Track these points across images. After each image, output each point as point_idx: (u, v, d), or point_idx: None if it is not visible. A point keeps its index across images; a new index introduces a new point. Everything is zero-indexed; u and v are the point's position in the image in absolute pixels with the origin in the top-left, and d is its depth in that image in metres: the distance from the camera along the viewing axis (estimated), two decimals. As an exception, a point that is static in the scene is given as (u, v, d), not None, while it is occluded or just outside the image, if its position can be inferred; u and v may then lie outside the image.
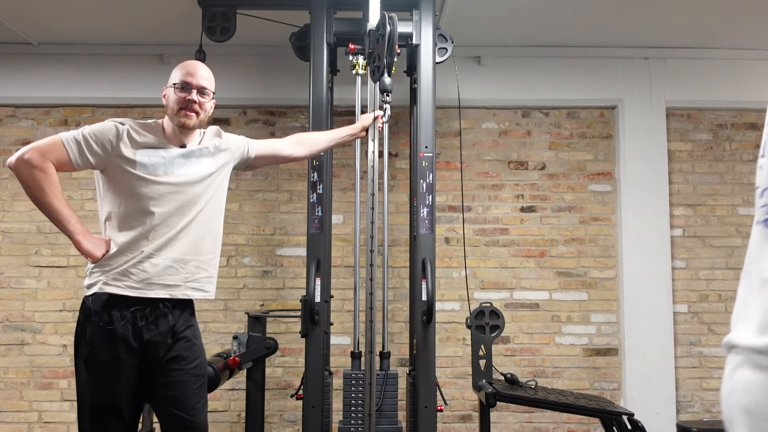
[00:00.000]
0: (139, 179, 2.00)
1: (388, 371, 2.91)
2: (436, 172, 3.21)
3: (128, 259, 1.98)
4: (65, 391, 3.73)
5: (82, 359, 1.98)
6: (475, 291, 3.78)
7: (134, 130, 2.05)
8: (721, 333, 3.83)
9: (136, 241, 1.99)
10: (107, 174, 2.04)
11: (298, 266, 3.81)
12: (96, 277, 1.99)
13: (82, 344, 1.98)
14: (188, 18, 3.27)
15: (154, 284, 1.99)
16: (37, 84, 3.82)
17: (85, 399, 1.98)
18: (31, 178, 1.90)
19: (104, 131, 2.01)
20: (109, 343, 1.95)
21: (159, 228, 2.01)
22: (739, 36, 3.71)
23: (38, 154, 1.91)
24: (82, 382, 1.98)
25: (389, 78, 2.52)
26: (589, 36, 3.73)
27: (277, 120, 3.90)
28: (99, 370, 1.96)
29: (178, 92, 2.08)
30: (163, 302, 2.01)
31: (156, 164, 2.03)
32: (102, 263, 1.98)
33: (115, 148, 2.00)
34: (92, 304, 1.96)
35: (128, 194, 2.01)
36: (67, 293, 3.78)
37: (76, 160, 1.98)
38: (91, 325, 1.96)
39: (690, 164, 3.94)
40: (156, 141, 2.08)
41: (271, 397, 3.72)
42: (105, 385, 1.96)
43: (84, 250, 1.96)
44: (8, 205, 3.82)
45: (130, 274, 1.97)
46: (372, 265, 2.61)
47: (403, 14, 2.85)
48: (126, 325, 1.96)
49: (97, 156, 1.99)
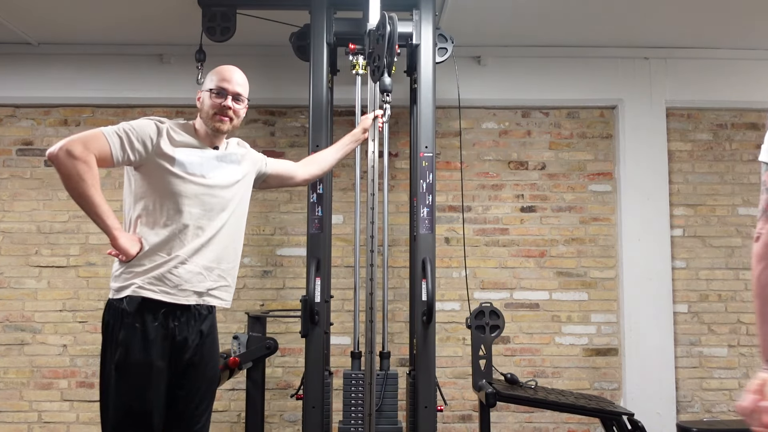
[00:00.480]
0: (176, 177, 1.99)
1: (388, 371, 2.91)
2: (436, 172, 3.21)
3: (163, 261, 1.96)
4: (65, 391, 3.73)
5: (113, 363, 1.92)
6: (475, 291, 3.78)
7: (173, 129, 2.04)
8: (721, 333, 3.83)
9: (168, 241, 1.97)
10: (143, 171, 2.00)
11: (298, 266, 3.81)
12: (129, 279, 1.95)
13: (113, 347, 1.93)
14: (188, 18, 3.27)
15: (186, 290, 1.98)
16: (37, 84, 3.82)
17: (115, 405, 1.92)
18: (74, 170, 1.86)
19: (144, 127, 1.99)
20: (143, 346, 1.92)
21: (190, 230, 2.00)
22: (739, 36, 3.71)
23: (82, 145, 1.87)
24: (111, 387, 1.93)
25: (389, 78, 2.52)
26: (589, 36, 3.73)
27: (277, 120, 3.90)
28: (132, 374, 1.91)
29: (213, 98, 2.08)
30: (193, 306, 2.02)
31: (193, 163, 2.02)
32: (133, 264, 1.95)
33: (156, 145, 1.98)
34: (127, 305, 1.92)
35: (162, 192, 1.99)
36: (67, 293, 3.78)
37: (117, 155, 1.94)
38: (124, 328, 1.92)
39: (690, 164, 3.94)
40: (193, 141, 2.08)
41: (271, 397, 3.72)
42: (138, 390, 1.92)
43: (120, 246, 1.92)
44: (8, 205, 3.82)
45: (166, 279, 1.95)
46: (372, 265, 2.61)
47: (403, 14, 2.85)
48: (159, 328, 1.94)
49: (137, 152, 1.96)
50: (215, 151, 2.12)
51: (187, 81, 3.55)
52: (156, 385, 1.94)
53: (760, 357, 1.25)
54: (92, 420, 3.71)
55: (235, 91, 2.10)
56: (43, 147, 3.86)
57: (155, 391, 1.94)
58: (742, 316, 3.85)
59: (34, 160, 3.86)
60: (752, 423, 1.17)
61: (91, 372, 3.73)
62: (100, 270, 3.79)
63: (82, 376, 3.74)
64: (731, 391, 3.81)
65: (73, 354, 3.75)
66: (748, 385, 1.24)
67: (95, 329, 3.75)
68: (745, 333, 3.83)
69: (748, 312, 3.86)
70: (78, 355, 3.75)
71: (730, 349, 3.83)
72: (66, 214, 3.81)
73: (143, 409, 1.92)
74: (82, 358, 3.75)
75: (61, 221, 3.81)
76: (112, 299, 1.97)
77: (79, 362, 3.75)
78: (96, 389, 3.71)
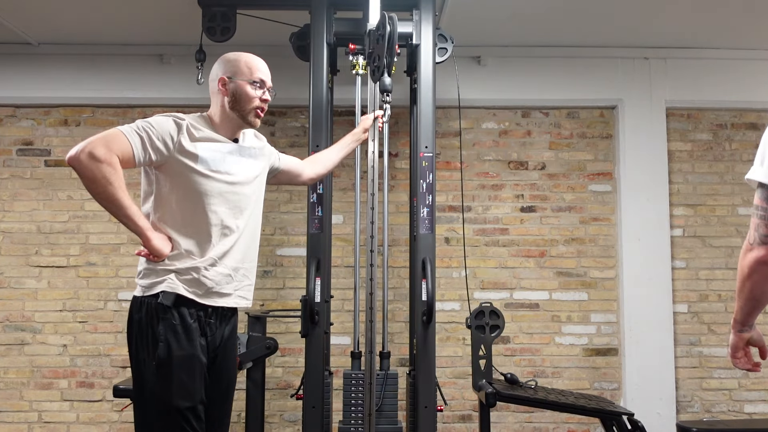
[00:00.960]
0: (200, 175, 1.91)
1: (388, 371, 2.91)
2: (436, 172, 3.21)
3: (192, 265, 1.91)
4: (65, 391, 3.73)
5: (154, 360, 1.85)
6: (475, 291, 3.78)
7: (192, 126, 1.94)
8: (721, 333, 3.83)
9: (197, 244, 1.92)
10: (164, 171, 1.91)
11: (298, 266, 3.81)
12: (161, 276, 1.89)
13: (151, 344, 1.86)
14: (188, 18, 3.27)
15: (216, 293, 1.95)
16: (37, 84, 3.82)
17: (162, 402, 1.85)
18: (99, 173, 1.75)
19: (163, 124, 1.89)
20: (186, 339, 1.87)
21: (218, 230, 1.94)
22: (739, 36, 3.71)
23: (104, 147, 1.76)
24: (152, 384, 1.85)
25: (389, 78, 2.52)
26: (589, 36, 3.73)
27: (277, 120, 3.90)
28: (177, 368, 1.85)
29: (256, 89, 2.00)
30: (221, 308, 1.99)
31: (216, 160, 1.94)
32: (164, 264, 1.89)
33: (177, 142, 1.88)
34: (164, 300, 1.86)
35: (186, 192, 1.91)
36: (67, 293, 3.78)
37: (138, 155, 1.84)
38: (162, 323, 1.86)
39: (690, 164, 3.94)
40: (214, 134, 1.98)
41: (271, 397, 3.72)
42: (185, 384, 1.86)
43: (154, 247, 1.86)
44: (8, 205, 3.82)
45: (198, 283, 1.91)
46: (372, 265, 2.61)
47: (403, 14, 2.85)
48: (196, 323, 1.91)
49: (158, 151, 1.86)
50: (235, 144, 2.03)
51: (187, 81, 3.55)
52: (200, 380, 1.89)
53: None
54: (92, 420, 3.71)
55: (270, 85, 2.06)
56: (43, 147, 3.87)
57: (199, 386, 1.89)
58: (742, 316, 3.84)
59: (34, 160, 3.86)
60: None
61: (91, 372, 3.74)
62: (100, 270, 3.79)
63: (82, 376, 3.74)
64: (731, 391, 3.81)
65: (73, 354, 3.75)
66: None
67: (95, 329, 3.75)
68: (745, 333, 3.83)
69: (748, 312, 3.85)
70: (78, 355, 3.75)
71: (730, 349, 3.82)
72: (66, 214, 3.81)
73: (190, 404, 1.86)
74: (82, 358, 3.75)
75: (61, 221, 3.80)
76: (143, 296, 1.90)
77: (79, 362, 3.75)
78: (96, 389, 3.72)
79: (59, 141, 3.86)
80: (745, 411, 3.80)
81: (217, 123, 2.02)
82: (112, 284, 3.78)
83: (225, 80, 2.00)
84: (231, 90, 2.00)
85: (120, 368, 3.74)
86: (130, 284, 3.77)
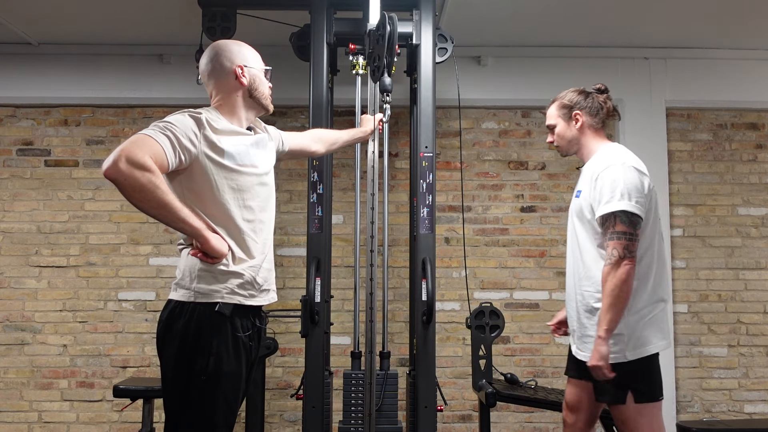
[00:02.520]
0: (230, 171, 1.79)
1: (388, 371, 2.91)
2: (436, 172, 3.21)
3: (251, 265, 1.83)
4: (65, 391, 3.73)
5: (204, 375, 1.73)
6: (475, 291, 3.78)
7: (211, 119, 1.81)
8: (720, 333, 3.84)
9: (245, 241, 1.82)
10: (191, 171, 1.76)
11: (298, 266, 3.81)
12: (221, 281, 1.77)
13: (203, 357, 1.73)
14: (188, 18, 3.27)
15: (267, 290, 1.90)
16: (37, 84, 3.82)
17: (207, 421, 1.75)
18: (145, 180, 1.59)
19: (183, 122, 1.75)
20: (236, 354, 1.78)
21: (257, 225, 1.87)
22: (739, 36, 3.71)
23: (141, 152, 1.60)
24: (197, 400, 1.74)
25: (389, 78, 2.52)
26: (589, 36, 3.73)
27: (277, 120, 3.90)
28: (227, 386, 1.76)
29: (267, 78, 1.99)
30: (260, 308, 1.92)
31: (241, 153, 1.83)
32: (222, 268, 1.78)
33: (202, 136, 1.76)
34: (224, 310, 1.75)
35: (221, 190, 1.78)
36: (67, 293, 3.78)
37: (170, 157, 1.68)
38: (218, 335, 1.74)
39: (690, 164, 3.94)
40: (233, 127, 1.87)
41: (271, 397, 3.72)
42: (230, 403, 1.78)
43: (213, 248, 1.74)
44: (8, 205, 3.82)
45: (254, 283, 1.83)
46: (372, 265, 2.61)
47: (403, 14, 2.85)
48: (248, 336, 1.82)
49: (186, 150, 1.72)
50: (253, 135, 1.95)
51: (187, 81, 3.55)
52: (241, 396, 1.85)
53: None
54: (92, 420, 3.71)
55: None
56: (43, 147, 3.86)
57: (240, 402, 1.85)
58: (742, 316, 3.85)
59: (34, 160, 3.86)
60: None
61: (91, 372, 3.73)
62: (100, 270, 3.79)
63: (82, 376, 3.74)
64: (731, 391, 3.81)
65: (73, 354, 3.75)
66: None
67: (95, 329, 3.75)
68: (745, 333, 3.83)
69: (748, 312, 3.86)
70: (78, 355, 3.75)
71: (730, 349, 3.83)
72: (66, 214, 3.81)
73: (230, 422, 1.81)
74: (82, 358, 3.74)
75: (61, 221, 3.80)
76: (196, 302, 1.75)
77: (79, 362, 3.75)
78: (96, 389, 3.72)
79: (59, 141, 3.86)
80: (745, 411, 3.80)
81: (231, 115, 1.91)
82: (112, 284, 3.78)
83: (240, 68, 1.92)
84: (251, 77, 1.93)
85: (120, 368, 3.74)
86: (130, 284, 3.77)
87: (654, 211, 2.09)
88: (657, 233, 2.10)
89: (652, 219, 2.07)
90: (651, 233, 2.07)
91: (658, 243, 2.11)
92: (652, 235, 2.07)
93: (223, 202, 1.79)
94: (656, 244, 2.10)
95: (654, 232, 2.08)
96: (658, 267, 2.10)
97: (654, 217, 2.09)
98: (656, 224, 2.10)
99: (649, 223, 2.06)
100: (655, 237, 2.09)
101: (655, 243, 2.09)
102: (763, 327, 3.86)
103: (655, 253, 2.09)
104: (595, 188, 2.06)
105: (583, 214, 2.14)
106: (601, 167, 2.08)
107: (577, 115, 2.28)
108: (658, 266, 2.10)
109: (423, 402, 2.73)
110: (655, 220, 2.09)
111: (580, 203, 2.16)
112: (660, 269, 2.10)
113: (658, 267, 2.10)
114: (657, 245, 2.10)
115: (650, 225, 2.06)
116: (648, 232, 2.06)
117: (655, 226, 2.09)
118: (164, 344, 1.78)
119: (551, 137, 2.38)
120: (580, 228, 2.18)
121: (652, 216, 2.08)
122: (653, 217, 2.08)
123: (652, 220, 2.07)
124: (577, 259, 2.21)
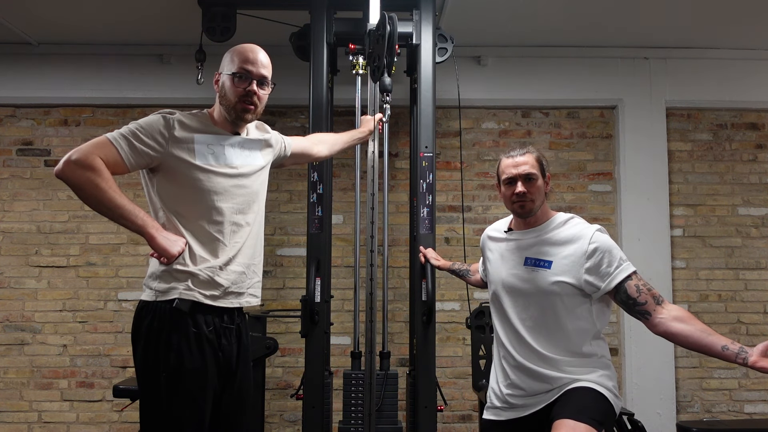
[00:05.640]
0: (200, 171, 1.82)
1: (388, 371, 2.91)
2: (436, 172, 3.21)
3: (211, 265, 1.82)
4: (65, 391, 3.73)
5: (165, 371, 1.75)
6: (475, 291, 3.78)
7: (185, 117, 1.86)
8: (721, 333, 3.81)
9: (211, 243, 1.83)
10: (162, 171, 1.82)
11: (298, 266, 3.81)
12: (175, 280, 1.79)
13: (162, 353, 1.76)
14: (188, 18, 3.27)
15: (233, 293, 1.87)
16: (37, 84, 3.82)
17: (169, 415, 1.76)
18: (84, 179, 1.69)
19: (152, 122, 1.80)
20: (199, 351, 1.78)
21: (228, 226, 1.86)
22: (739, 36, 3.71)
23: (85, 153, 1.70)
24: (161, 398, 1.76)
25: (389, 78, 2.52)
26: (589, 36, 3.73)
27: (277, 120, 3.90)
28: (187, 382, 1.76)
29: (237, 83, 1.88)
30: (235, 308, 1.91)
31: (215, 153, 1.85)
32: (177, 265, 1.79)
33: (169, 138, 1.79)
34: (181, 306, 1.76)
35: (190, 190, 1.82)
36: (67, 293, 3.78)
37: (128, 159, 1.75)
38: (176, 332, 1.76)
39: (690, 164, 3.94)
40: (210, 127, 1.90)
41: (271, 397, 3.72)
42: (196, 399, 1.78)
43: (159, 246, 1.75)
44: (8, 205, 3.82)
45: (215, 283, 1.82)
46: (372, 265, 2.61)
47: (403, 14, 2.85)
48: (210, 332, 1.81)
49: (151, 150, 1.77)
50: (237, 136, 1.94)
51: (187, 81, 3.56)
52: (209, 393, 1.81)
53: None
54: (92, 420, 3.71)
55: (260, 74, 1.91)
56: (43, 147, 3.87)
57: (208, 399, 1.81)
58: (742, 316, 3.85)
59: (34, 160, 3.86)
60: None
61: (91, 372, 3.73)
62: (100, 270, 3.79)
63: (82, 376, 3.74)
64: (731, 391, 3.81)
65: (73, 354, 3.75)
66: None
67: (95, 329, 3.75)
68: (745, 333, 3.83)
69: (748, 312, 3.86)
70: (78, 355, 3.75)
71: (730, 349, 3.82)
72: (66, 214, 3.81)
73: (198, 418, 1.78)
74: (82, 358, 3.74)
75: (61, 221, 3.81)
76: (157, 301, 1.79)
77: (79, 362, 3.75)
78: (96, 389, 3.72)
79: (59, 141, 3.87)
80: (745, 411, 3.80)
81: (218, 120, 1.94)
82: (112, 284, 3.78)
83: (217, 76, 1.95)
84: (220, 85, 1.93)
85: (120, 368, 3.74)
86: (130, 284, 3.77)
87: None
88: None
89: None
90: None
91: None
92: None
93: (190, 201, 1.83)
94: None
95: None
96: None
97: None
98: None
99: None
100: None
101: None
102: (763, 327, 3.86)
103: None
104: (592, 258, 2.06)
105: (562, 284, 2.00)
106: (584, 235, 2.04)
107: (549, 177, 2.10)
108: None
109: (423, 402, 2.73)
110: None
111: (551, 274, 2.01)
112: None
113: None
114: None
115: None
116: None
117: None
118: (135, 344, 1.84)
119: (522, 187, 2.02)
120: (556, 301, 2.00)
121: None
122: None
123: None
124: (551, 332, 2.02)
